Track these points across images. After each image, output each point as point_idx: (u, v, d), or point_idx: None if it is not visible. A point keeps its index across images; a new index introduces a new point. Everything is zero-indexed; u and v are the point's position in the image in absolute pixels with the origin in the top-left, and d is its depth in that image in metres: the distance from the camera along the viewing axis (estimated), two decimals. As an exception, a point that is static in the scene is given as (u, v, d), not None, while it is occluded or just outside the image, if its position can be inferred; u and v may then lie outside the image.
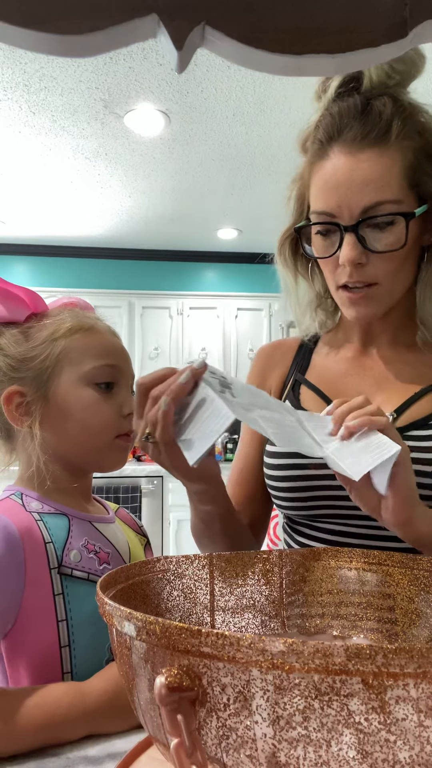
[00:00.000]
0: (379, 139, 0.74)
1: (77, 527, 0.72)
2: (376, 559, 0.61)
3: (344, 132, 0.75)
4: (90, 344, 0.75)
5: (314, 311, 0.94)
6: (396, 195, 0.74)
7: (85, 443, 0.74)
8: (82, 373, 0.74)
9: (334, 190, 0.75)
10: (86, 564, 0.69)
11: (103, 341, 0.77)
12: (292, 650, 0.31)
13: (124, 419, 0.76)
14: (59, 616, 0.66)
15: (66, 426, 0.73)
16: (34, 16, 0.30)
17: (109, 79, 2.60)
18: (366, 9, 0.33)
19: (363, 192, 0.73)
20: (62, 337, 0.74)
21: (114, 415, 0.75)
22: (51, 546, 0.67)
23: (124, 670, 0.42)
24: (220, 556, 0.62)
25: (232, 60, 0.34)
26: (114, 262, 5.03)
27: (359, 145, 0.74)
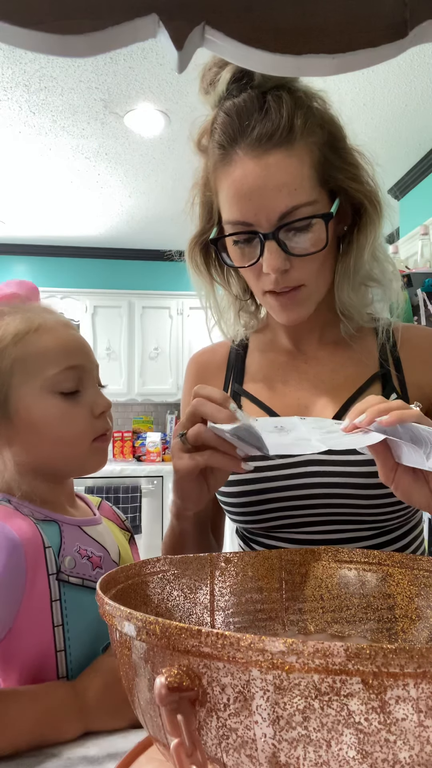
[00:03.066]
0: (284, 138, 0.71)
1: (68, 533, 0.69)
2: (376, 559, 0.61)
3: (246, 133, 0.72)
4: (43, 347, 0.68)
5: (237, 315, 0.92)
6: (310, 196, 0.72)
7: (60, 455, 0.70)
8: (43, 383, 0.67)
9: (247, 198, 0.72)
10: (80, 570, 0.67)
11: (57, 340, 0.69)
12: (292, 650, 0.31)
13: (97, 420, 0.71)
14: (55, 622, 0.64)
15: (37, 442, 0.68)
16: (34, 16, 0.30)
17: (109, 79, 2.60)
18: (366, 9, 0.33)
19: (277, 198, 0.71)
20: (10, 345, 0.67)
21: (86, 420, 0.70)
22: (50, 551, 0.65)
23: (124, 670, 0.42)
24: (220, 556, 0.62)
25: (232, 60, 0.34)
26: (114, 262, 5.03)
27: (265, 147, 0.71)
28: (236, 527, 0.93)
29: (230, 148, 0.73)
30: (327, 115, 0.76)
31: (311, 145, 0.73)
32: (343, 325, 0.86)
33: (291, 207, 0.71)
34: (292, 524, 0.82)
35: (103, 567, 0.70)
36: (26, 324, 0.68)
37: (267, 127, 0.71)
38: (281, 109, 0.71)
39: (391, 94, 2.76)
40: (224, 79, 0.76)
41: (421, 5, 0.33)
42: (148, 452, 4.63)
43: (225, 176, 0.74)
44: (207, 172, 0.79)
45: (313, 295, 0.78)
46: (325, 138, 0.75)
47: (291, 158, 0.71)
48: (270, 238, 0.72)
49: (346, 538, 0.81)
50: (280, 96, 0.72)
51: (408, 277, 2.21)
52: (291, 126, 0.71)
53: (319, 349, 0.88)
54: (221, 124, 0.74)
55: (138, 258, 5.04)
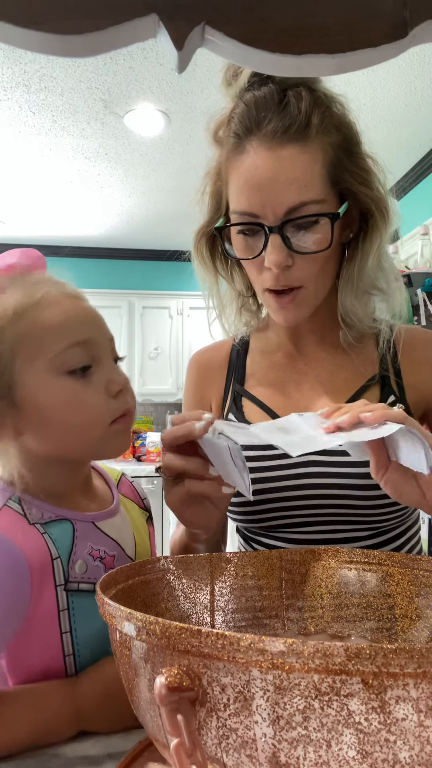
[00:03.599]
0: (300, 134, 0.71)
1: (81, 531, 0.64)
2: (376, 559, 0.61)
3: (263, 125, 0.72)
4: (47, 322, 0.60)
5: (238, 311, 0.91)
6: (319, 194, 0.72)
7: (74, 443, 0.63)
8: (48, 364, 0.60)
9: (256, 189, 0.72)
10: (92, 574, 0.64)
11: (61, 313, 0.62)
12: (292, 650, 0.31)
13: (114, 400, 0.63)
14: (63, 629, 0.62)
15: (48, 430, 0.61)
16: (34, 16, 0.30)
17: (109, 79, 2.60)
18: (366, 9, 0.33)
19: (287, 192, 0.71)
20: (9, 324, 0.60)
21: (100, 401, 0.62)
22: (58, 562, 0.61)
23: (124, 670, 0.42)
24: (220, 556, 0.62)
25: (232, 60, 0.34)
26: (114, 262, 5.04)
27: (279, 140, 0.71)
28: (236, 525, 0.93)
29: (245, 138, 0.73)
30: (344, 119, 0.76)
31: (325, 145, 0.73)
32: (343, 333, 0.85)
33: (299, 202, 0.71)
34: (291, 524, 0.82)
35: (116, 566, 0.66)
36: (26, 298, 0.61)
37: (284, 120, 0.71)
38: (300, 104, 0.71)
39: (391, 94, 2.76)
40: (246, 72, 0.76)
41: (421, 5, 0.33)
42: (148, 452, 4.63)
43: (237, 165, 0.74)
44: (220, 161, 0.79)
45: (310, 298, 0.78)
46: (340, 140, 0.75)
47: (304, 154, 0.71)
48: (275, 231, 0.72)
49: (344, 538, 0.82)
50: (300, 93, 0.72)
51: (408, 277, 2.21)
52: (308, 122, 0.71)
53: (319, 351, 0.88)
54: (239, 114, 0.74)
55: (138, 258, 5.04)
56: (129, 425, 0.66)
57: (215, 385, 0.94)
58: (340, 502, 0.79)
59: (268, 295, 0.78)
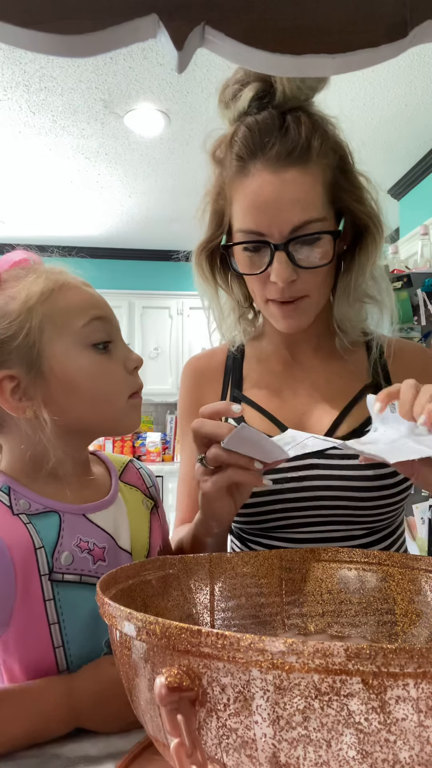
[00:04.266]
0: (301, 157, 0.75)
1: (69, 524, 0.66)
2: (376, 559, 0.61)
3: (266, 149, 0.75)
4: (70, 302, 0.67)
5: (237, 321, 0.95)
6: (320, 213, 0.76)
7: (98, 412, 0.68)
8: (74, 336, 0.66)
9: (262, 210, 0.76)
10: (78, 565, 0.65)
11: (82, 295, 0.69)
12: (292, 650, 0.31)
13: (131, 375, 0.70)
14: (50, 620, 0.63)
15: (74, 401, 0.66)
16: (34, 16, 0.30)
17: (109, 79, 2.60)
18: (366, 9, 0.33)
19: (291, 212, 0.74)
20: (38, 303, 0.65)
21: (121, 374, 0.68)
22: (42, 551, 0.63)
23: (124, 670, 0.42)
24: (220, 556, 0.62)
25: (232, 60, 0.34)
26: (114, 262, 5.04)
27: (283, 163, 0.75)
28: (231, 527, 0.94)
29: (249, 161, 0.77)
30: (339, 140, 0.80)
31: (324, 166, 0.77)
32: (338, 339, 0.89)
33: (303, 221, 0.75)
34: (291, 525, 0.84)
35: (107, 558, 0.68)
36: (51, 282, 0.67)
37: (286, 145, 0.75)
38: (300, 129, 0.75)
39: (391, 94, 2.76)
40: (246, 96, 0.79)
41: (421, 5, 0.33)
42: (148, 452, 4.63)
43: (242, 187, 0.78)
44: (222, 181, 0.82)
45: (313, 306, 0.82)
46: (336, 161, 0.79)
47: (306, 176, 0.75)
48: (280, 249, 0.75)
49: (340, 537, 0.84)
50: (299, 117, 0.76)
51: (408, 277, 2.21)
52: (308, 146, 0.75)
53: (314, 359, 0.91)
54: (242, 138, 0.78)
55: (138, 258, 5.04)
56: (141, 402, 0.72)
57: (211, 391, 0.96)
58: (340, 503, 0.81)
59: (272, 305, 0.81)
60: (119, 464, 0.79)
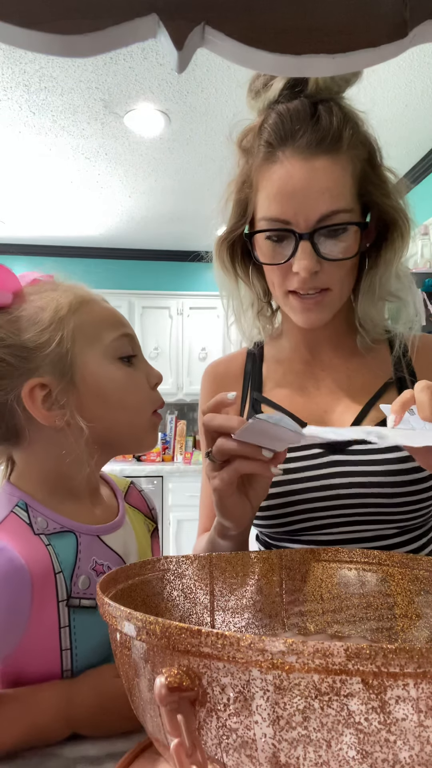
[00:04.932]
0: (332, 146, 0.74)
1: (85, 545, 0.64)
2: (376, 559, 0.61)
3: (297, 136, 0.74)
4: (98, 316, 0.68)
5: (256, 316, 0.93)
6: (349, 204, 0.75)
7: (125, 423, 0.68)
8: (104, 349, 0.67)
9: (290, 197, 0.74)
10: (95, 590, 0.63)
11: (107, 310, 0.70)
12: (292, 650, 0.31)
13: (153, 391, 0.71)
14: (63, 646, 0.61)
15: (104, 411, 0.66)
16: (34, 16, 0.30)
17: (109, 79, 2.60)
18: (366, 9, 0.33)
19: (320, 200, 0.73)
20: (69, 313, 0.65)
21: (146, 388, 0.70)
22: (61, 576, 0.61)
23: (124, 670, 0.42)
24: (220, 556, 0.62)
25: (232, 60, 0.34)
26: (114, 262, 5.03)
27: (313, 151, 0.73)
28: (257, 534, 0.93)
29: (278, 148, 0.75)
30: (368, 134, 0.80)
31: (354, 158, 0.76)
32: (360, 337, 0.88)
33: (331, 211, 0.73)
34: (316, 526, 0.82)
35: None
36: (78, 296, 0.68)
37: (317, 133, 0.74)
38: (332, 119, 0.74)
39: (391, 94, 2.76)
40: (277, 86, 0.78)
41: (421, 5, 0.33)
42: (148, 452, 4.63)
43: (269, 174, 0.76)
44: (248, 170, 0.81)
45: (335, 301, 0.80)
46: (366, 154, 0.78)
47: (336, 165, 0.74)
48: (306, 238, 0.74)
49: (370, 537, 0.81)
50: (331, 107, 0.75)
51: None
52: (339, 136, 0.74)
53: (334, 358, 0.89)
54: (272, 125, 0.76)
55: (138, 258, 5.03)
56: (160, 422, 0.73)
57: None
58: (366, 501, 0.79)
59: (292, 298, 0.80)
60: (122, 486, 0.79)
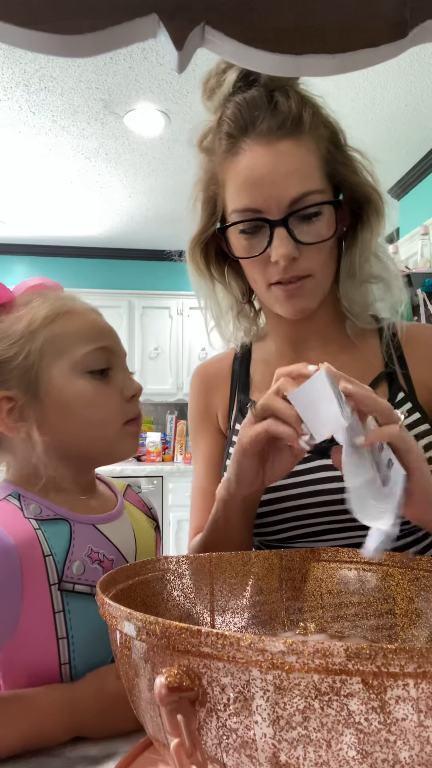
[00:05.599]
0: (293, 129, 0.72)
1: (79, 533, 0.65)
2: (376, 559, 0.61)
3: (257, 124, 0.73)
4: (73, 329, 0.67)
5: (236, 318, 0.91)
6: (319, 185, 0.73)
7: (91, 439, 0.68)
8: (73, 363, 0.66)
9: (258, 184, 0.72)
10: (90, 576, 0.63)
11: (87, 322, 0.69)
12: (292, 650, 0.31)
13: (128, 403, 0.69)
14: (59, 634, 0.61)
15: (67, 425, 0.67)
16: (34, 16, 0.30)
17: (109, 79, 2.60)
18: (366, 9, 0.33)
19: (288, 184, 0.71)
20: (41, 327, 0.66)
21: (117, 402, 0.68)
22: (51, 559, 0.61)
23: (124, 670, 0.42)
24: (220, 556, 0.62)
25: (232, 60, 0.34)
26: (114, 262, 5.03)
27: (275, 135, 0.72)
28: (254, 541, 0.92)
29: (240, 138, 0.74)
30: (328, 115, 0.78)
31: (318, 138, 0.74)
32: (350, 323, 0.85)
33: (302, 193, 0.72)
34: (309, 533, 0.81)
35: None
36: (56, 308, 0.68)
37: (277, 118, 0.72)
38: (290, 102, 0.73)
39: (391, 94, 2.76)
40: (230, 79, 0.77)
41: (421, 5, 0.33)
42: (148, 452, 4.63)
43: (233, 165, 0.75)
44: (212, 167, 0.79)
45: (318, 287, 0.78)
46: (328, 134, 0.76)
47: (300, 147, 0.72)
48: (279, 225, 0.72)
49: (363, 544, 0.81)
50: (287, 92, 0.74)
51: (408, 277, 2.21)
52: (300, 118, 0.73)
53: (323, 354, 0.87)
54: (230, 116, 0.75)
55: (138, 258, 5.03)
56: (139, 429, 0.72)
57: (220, 396, 0.93)
58: None
59: (275, 289, 0.77)
60: (120, 487, 0.79)
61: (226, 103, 0.77)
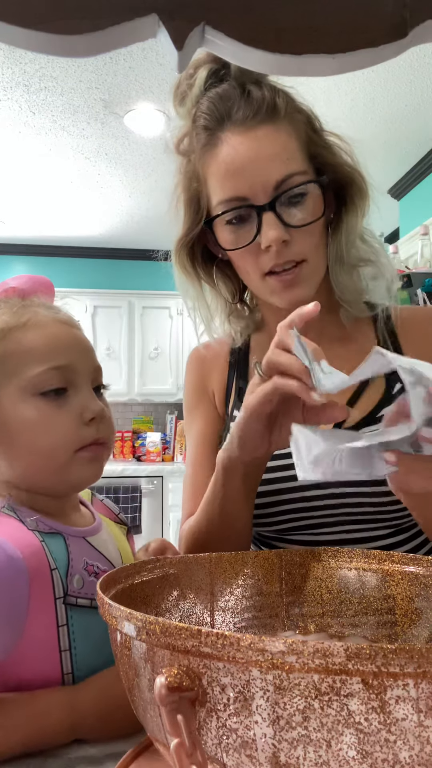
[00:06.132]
0: (269, 115, 0.72)
1: (74, 547, 0.63)
2: (376, 559, 0.61)
3: (232, 113, 0.73)
4: (27, 346, 0.61)
5: (227, 320, 0.90)
6: (301, 166, 0.73)
7: (38, 467, 0.62)
8: (23, 384, 0.60)
9: (240, 172, 0.72)
10: (89, 589, 0.61)
11: (44, 337, 0.62)
12: (292, 650, 0.31)
13: (87, 426, 0.62)
14: (62, 647, 0.60)
15: (13, 451, 0.61)
16: (34, 16, 0.30)
17: (109, 79, 2.60)
18: (366, 9, 0.33)
19: (271, 167, 0.71)
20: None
21: (70, 426, 0.61)
22: (57, 573, 0.59)
23: (124, 670, 0.42)
24: (220, 555, 0.62)
25: (232, 60, 0.34)
26: (114, 262, 5.04)
27: (252, 122, 0.72)
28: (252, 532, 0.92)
29: (216, 130, 0.74)
30: (303, 104, 0.78)
31: (296, 122, 0.75)
32: (344, 311, 0.84)
33: (285, 175, 0.72)
34: (306, 526, 0.81)
35: None
36: (11, 322, 0.62)
37: (252, 106, 0.73)
38: (263, 91, 0.73)
39: (391, 94, 2.76)
40: (200, 77, 0.77)
41: (421, 5, 0.33)
42: (148, 452, 4.63)
43: (213, 158, 0.75)
44: (192, 165, 0.79)
45: (314, 274, 0.77)
46: (305, 119, 0.77)
47: (279, 132, 0.73)
48: (267, 209, 0.72)
49: (362, 538, 0.80)
50: (259, 83, 0.74)
51: (408, 277, 2.21)
52: (274, 105, 0.73)
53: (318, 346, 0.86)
54: (205, 110, 0.75)
55: (138, 258, 5.04)
56: (100, 454, 0.65)
57: (217, 377, 0.92)
58: (356, 501, 0.77)
59: (270, 279, 0.76)
60: (85, 496, 0.77)
61: (199, 101, 0.77)
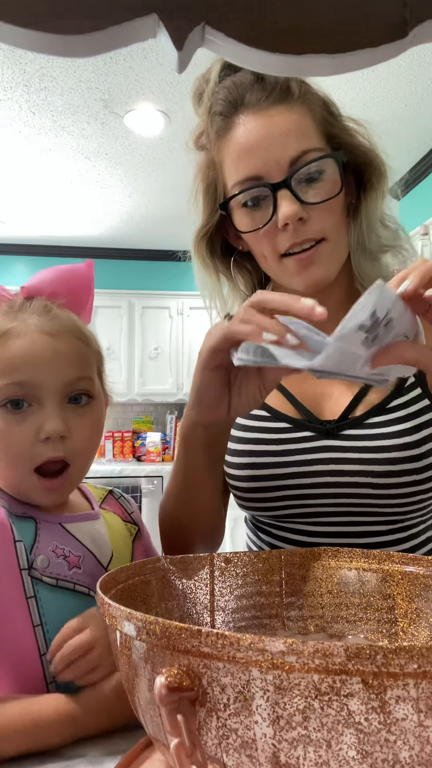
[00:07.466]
0: (284, 96, 0.73)
1: (45, 531, 0.65)
2: (376, 559, 0.61)
3: (246, 98, 0.73)
4: (2, 355, 0.63)
5: None
6: (317, 143, 0.73)
7: (4, 475, 0.66)
8: None
9: (254, 150, 0.72)
10: (55, 569, 0.64)
11: (19, 349, 0.63)
12: (292, 650, 0.31)
13: (43, 444, 0.63)
14: (34, 621, 0.62)
15: None
16: (34, 16, 0.30)
17: (109, 79, 2.60)
18: (366, 9, 0.33)
19: (286, 144, 0.71)
20: None
21: (25, 442, 0.63)
22: (21, 545, 0.62)
23: (124, 670, 0.42)
24: (220, 555, 0.62)
25: (232, 60, 0.34)
26: (114, 262, 5.03)
27: (266, 103, 0.72)
28: (245, 516, 0.90)
29: (232, 115, 0.75)
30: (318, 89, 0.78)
31: (310, 104, 0.74)
32: None
33: (301, 151, 0.71)
34: (304, 514, 0.79)
35: (82, 567, 0.66)
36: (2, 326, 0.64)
37: (265, 89, 0.73)
38: (277, 78, 0.73)
39: (391, 94, 2.76)
40: (215, 71, 0.78)
41: (421, 5, 0.33)
42: (148, 452, 4.63)
43: (228, 142, 0.75)
44: (209, 155, 0.79)
45: (335, 253, 0.76)
46: (320, 102, 0.76)
47: (292, 111, 0.73)
48: (282, 186, 0.71)
49: (361, 532, 0.78)
50: None
51: (408, 277, 2.20)
52: (288, 87, 0.73)
53: None
54: (221, 98, 0.76)
55: (138, 258, 5.03)
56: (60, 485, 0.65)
57: None
58: (358, 491, 0.76)
59: (287, 260, 0.74)
60: (99, 495, 0.78)
61: (215, 93, 0.78)
